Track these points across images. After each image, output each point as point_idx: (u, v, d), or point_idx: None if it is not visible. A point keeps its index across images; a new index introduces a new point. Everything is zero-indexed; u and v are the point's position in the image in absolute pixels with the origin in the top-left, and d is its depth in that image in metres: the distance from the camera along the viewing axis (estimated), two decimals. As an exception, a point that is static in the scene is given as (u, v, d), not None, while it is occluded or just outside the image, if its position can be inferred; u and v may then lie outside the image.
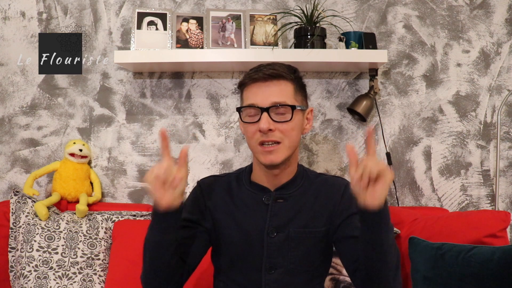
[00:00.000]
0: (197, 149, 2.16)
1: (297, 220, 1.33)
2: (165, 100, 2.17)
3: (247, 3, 2.17)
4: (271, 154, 1.28)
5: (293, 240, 1.32)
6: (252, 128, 1.29)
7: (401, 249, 1.71)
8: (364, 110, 2.05)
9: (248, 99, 1.31)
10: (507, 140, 2.16)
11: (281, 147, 1.28)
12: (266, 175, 1.36)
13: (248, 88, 1.32)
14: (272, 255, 1.32)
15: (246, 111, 1.31)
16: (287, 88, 1.31)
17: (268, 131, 1.26)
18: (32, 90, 2.17)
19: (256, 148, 1.30)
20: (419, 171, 2.16)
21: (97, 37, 2.17)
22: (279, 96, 1.28)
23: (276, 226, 1.32)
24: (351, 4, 2.16)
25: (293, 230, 1.32)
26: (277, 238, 1.32)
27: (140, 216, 1.93)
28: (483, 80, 2.16)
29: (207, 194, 1.40)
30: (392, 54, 2.16)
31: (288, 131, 1.28)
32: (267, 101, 1.27)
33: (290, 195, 1.36)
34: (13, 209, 1.87)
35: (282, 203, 1.35)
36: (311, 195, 1.37)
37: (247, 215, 1.35)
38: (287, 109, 1.28)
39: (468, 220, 1.69)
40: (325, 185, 1.39)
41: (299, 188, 1.38)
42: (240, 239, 1.34)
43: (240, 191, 1.39)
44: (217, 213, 1.37)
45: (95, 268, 1.81)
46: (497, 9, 2.16)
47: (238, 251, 1.34)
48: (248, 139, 1.32)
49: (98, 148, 2.17)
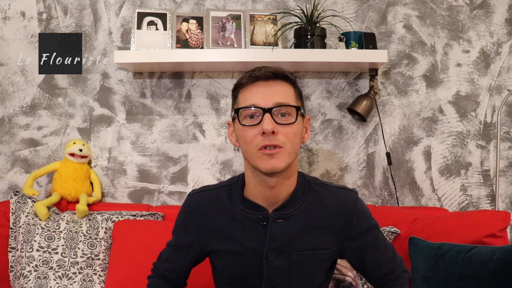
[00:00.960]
0: (197, 149, 2.16)
1: (300, 242, 1.23)
2: (165, 100, 2.17)
3: (247, 3, 2.17)
4: (273, 159, 1.14)
5: (295, 263, 1.23)
6: (253, 132, 1.15)
7: (401, 249, 1.70)
8: (364, 110, 2.05)
9: (247, 100, 1.17)
10: (507, 140, 2.16)
11: (283, 152, 1.15)
12: (262, 191, 1.21)
13: (246, 89, 1.19)
14: (272, 278, 1.24)
15: (245, 112, 1.17)
16: (290, 90, 1.20)
17: (271, 134, 1.13)
18: (32, 90, 2.17)
19: (255, 154, 1.15)
20: (419, 171, 2.16)
21: (97, 37, 2.17)
22: (283, 97, 1.17)
23: (276, 249, 1.22)
24: (351, 4, 2.16)
25: (296, 253, 1.23)
26: (277, 261, 1.22)
27: (140, 216, 1.93)
28: (483, 80, 2.16)
29: (197, 216, 1.28)
30: (392, 54, 2.16)
31: (291, 135, 1.16)
32: (269, 101, 1.15)
33: (291, 214, 1.22)
34: (13, 209, 1.87)
35: (282, 223, 1.22)
36: (317, 212, 1.24)
37: (242, 236, 1.23)
38: (290, 111, 1.17)
39: (468, 220, 1.69)
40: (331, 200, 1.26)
41: (301, 204, 1.24)
42: (236, 261, 1.25)
43: (232, 209, 1.25)
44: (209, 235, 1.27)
45: (95, 268, 1.81)
46: (497, 9, 2.16)
47: (236, 272, 1.26)
48: (246, 145, 1.17)
49: (98, 148, 2.17)
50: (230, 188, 1.28)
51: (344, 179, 2.15)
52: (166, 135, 2.17)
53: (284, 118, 1.17)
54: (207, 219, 1.27)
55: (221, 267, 1.29)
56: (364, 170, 2.16)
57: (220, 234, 1.26)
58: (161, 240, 1.80)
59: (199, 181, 2.15)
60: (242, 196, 1.26)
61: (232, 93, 1.25)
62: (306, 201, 1.25)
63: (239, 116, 1.18)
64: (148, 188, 2.17)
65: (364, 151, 2.16)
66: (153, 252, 1.77)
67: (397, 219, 1.80)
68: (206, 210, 1.27)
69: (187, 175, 2.16)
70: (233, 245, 1.24)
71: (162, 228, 1.85)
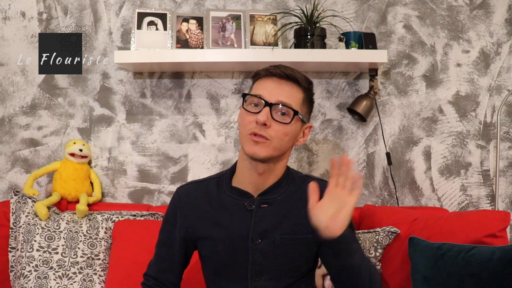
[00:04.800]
0: (197, 149, 2.16)
1: (283, 226, 1.30)
2: (165, 100, 2.17)
3: (247, 3, 2.17)
4: (257, 146, 1.24)
5: (279, 246, 1.29)
6: (250, 118, 1.26)
7: (401, 249, 1.71)
8: (364, 110, 2.05)
9: (257, 89, 1.29)
10: (507, 140, 2.16)
11: (268, 144, 1.25)
12: (251, 176, 1.31)
13: (261, 80, 1.31)
14: (257, 262, 1.29)
15: (251, 99, 1.29)
16: (298, 94, 1.29)
17: (262, 125, 1.23)
18: (32, 90, 2.17)
19: (245, 136, 1.27)
20: (419, 171, 2.16)
21: (97, 37, 2.17)
22: (287, 98, 1.27)
23: (260, 233, 1.29)
24: (351, 4, 2.17)
25: (279, 237, 1.29)
26: (262, 244, 1.29)
27: (140, 216, 1.93)
28: (483, 80, 2.16)
29: (185, 204, 1.36)
30: (392, 54, 2.16)
31: (281, 133, 1.26)
32: (274, 98, 1.26)
33: (274, 200, 1.32)
34: (13, 209, 1.87)
35: (266, 208, 1.31)
36: (298, 199, 1.32)
37: (229, 222, 1.31)
38: (289, 111, 1.26)
39: (468, 220, 1.69)
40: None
41: (283, 192, 1.33)
42: (224, 247, 1.30)
43: (220, 197, 1.34)
44: (197, 222, 1.34)
45: (95, 268, 1.81)
46: (497, 9, 2.16)
47: (223, 259, 1.31)
48: (242, 126, 1.29)
49: (98, 148, 2.17)
50: (219, 180, 1.38)
51: (344, 179, 2.15)
52: (166, 135, 2.17)
53: (281, 117, 1.26)
54: (195, 208, 1.35)
55: (208, 256, 1.34)
56: (364, 170, 2.16)
57: (207, 221, 1.33)
58: (161, 240, 1.81)
59: (199, 181, 2.15)
60: (230, 185, 1.35)
61: (252, 78, 1.36)
62: (288, 189, 1.34)
63: (246, 100, 1.30)
64: (148, 188, 2.17)
65: (364, 151, 2.16)
66: (153, 252, 1.78)
67: (397, 219, 1.80)
68: (194, 199, 1.36)
69: (187, 175, 2.16)
70: (220, 231, 1.31)
71: (162, 228, 1.85)
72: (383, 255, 1.74)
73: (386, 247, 1.74)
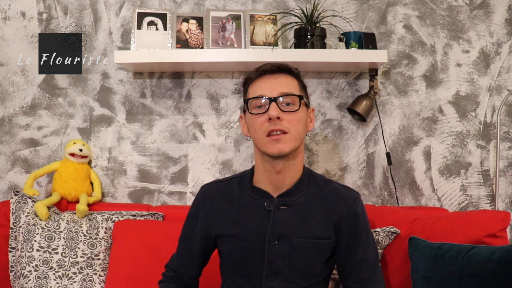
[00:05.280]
0: (197, 149, 2.16)
1: (301, 229, 1.30)
2: (165, 100, 2.17)
3: (247, 3, 2.17)
4: (279, 143, 1.26)
5: (296, 249, 1.30)
6: (261, 119, 1.28)
7: (401, 249, 1.71)
8: (364, 110, 2.05)
9: (255, 91, 1.31)
10: (507, 140, 2.16)
11: (288, 137, 1.27)
12: (269, 176, 1.33)
13: (255, 82, 1.32)
14: (273, 263, 1.30)
15: (254, 102, 1.30)
16: (293, 82, 1.33)
17: (276, 119, 1.25)
18: (32, 90, 2.17)
19: (263, 139, 1.28)
20: (419, 171, 2.16)
21: (97, 37, 2.18)
22: (287, 87, 1.30)
23: (278, 234, 1.30)
24: (351, 4, 2.17)
25: (296, 240, 1.29)
26: (278, 246, 1.29)
27: (140, 216, 1.93)
28: (483, 80, 2.16)
29: (207, 202, 1.39)
30: (392, 54, 2.16)
31: (295, 121, 1.28)
32: (275, 92, 1.28)
33: (294, 202, 1.32)
34: (13, 209, 1.87)
35: (285, 210, 1.31)
36: (318, 203, 1.33)
37: (248, 221, 1.32)
38: (294, 99, 1.29)
39: (468, 220, 1.69)
40: (333, 194, 1.35)
41: (304, 194, 1.33)
42: (242, 245, 1.32)
43: (241, 197, 1.36)
44: (218, 221, 1.37)
45: (95, 268, 1.81)
46: (497, 9, 2.16)
47: (240, 256, 1.33)
48: (256, 131, 1.29)
49: (98, 148, 2.17)
50: (241, 179, 1.40)
51: (344, 179, 2.15)
52: (166, 135, 2.17)
53: (288, 107, 1.29)
54: (216, 206, 1.38)
55: (226, 252, 1.36)
56: (364, 170, 2.16)
57: (227, 219, 1.35)
58: (161, 240, 1.81)
59: (199, 181, 2.16)
60: (251, 185, 1.37)
61: (242, 87, 1.38)
62: (309, 192, 1.34)
63: (248, 106, 1.32)
64: (148, 188, 2.17)
65: (364, 151, 2.16)
66: (153, 252, 1.79)
67: (397, 219, 1.80)
68: (216, 198, 1.39)
69: (187, 175, 2.16)
70: (238, 229, 1.33)
71: (162, 228, 1.85)
72: (383, 255, 1.74)
73: (386, 247, 1.74)
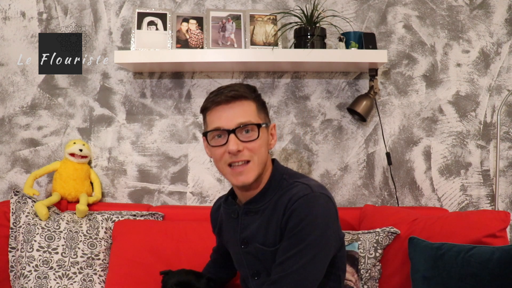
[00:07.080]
0: (197, 149, 2.16)
1: (260, 236, 1.32)
2: (165, 100, 2.17)
3: (247, 3, 2.17)
4: (242, 175, 1.28)
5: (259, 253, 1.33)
6: (220, 151, 1.29)
7: (401, 249, 1.71)
8: (364, 110, 2.05)
9: (212, 123, 1.31)
10: (507, 140, 2.16)
11: (251, 165, 1.28)
12: (241, 194, 1.38)
13: (211, 112, 1.31)
14: (250, 264, 1.37)
15: (212, 134, 1.31)
16: (250, 107, 1.31)
17: (237, 152, 1.26)
18: (32, 90, 2.17)
19: (225, 169, 1.31)
20: (419, 171, 2.16)
21: (97, 37, 2.18)
22: (244, 116, 1.28)
23: (244, 239, 1.36)
24: (351, 4, 2.17)
25: (253, 246, 1.33)
26: (248, 249, 1.35)
27: (140, 216, 1.93)
28: (483, 80, 2.16)
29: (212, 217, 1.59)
30: (392, 54, 2.16)
31: (256, 149, 1.28)
32: (232, 123, 1.27)
33: (259, 209, 1.34)
34: (13, 209, 1.88)
35: (250, 217, 1.35)
36: (279, 208, 1.28)
37: (226, 230, 1.46)
38: (253, 128, 1.29)
39: (468, 220, 1.69)
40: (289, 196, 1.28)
41: (268, 201, 1.32)
42: (231, 252, 1.46)
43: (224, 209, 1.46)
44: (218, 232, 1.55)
45: (95, 268, 1.82)
46: (497, 9, 2.16)
47: (234, 261, 1.47)
48: (216, 161, 1.32)
49: (98, 148, 2.17)
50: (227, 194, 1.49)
51: (344, 179, 2.15)
52: (166, 135, 2.17)
53: (248, 135, 1.29)
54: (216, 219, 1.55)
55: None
56: (364, 170, 2.16)
57: (220, 230, 1.52)
58: (161, 240, 1.81)
59: (199, 181, 2.16)
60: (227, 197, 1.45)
61: (201, 113, 1.38)
62: (273, 199, 1.32)
63: (207, 137, 1.33)
64: (148, 188, 2.17)
65: (364, 151, 2.16)
66: (153, 252, 1.79)
67: (397, 219, 1.80)
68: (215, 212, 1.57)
69: (187, 175, 2.16)
70: (224, 238, 1.49)
71: (162, 228, 1.86)
72: (383, 255, 1.74)
73: (386, 247, 1.74)
